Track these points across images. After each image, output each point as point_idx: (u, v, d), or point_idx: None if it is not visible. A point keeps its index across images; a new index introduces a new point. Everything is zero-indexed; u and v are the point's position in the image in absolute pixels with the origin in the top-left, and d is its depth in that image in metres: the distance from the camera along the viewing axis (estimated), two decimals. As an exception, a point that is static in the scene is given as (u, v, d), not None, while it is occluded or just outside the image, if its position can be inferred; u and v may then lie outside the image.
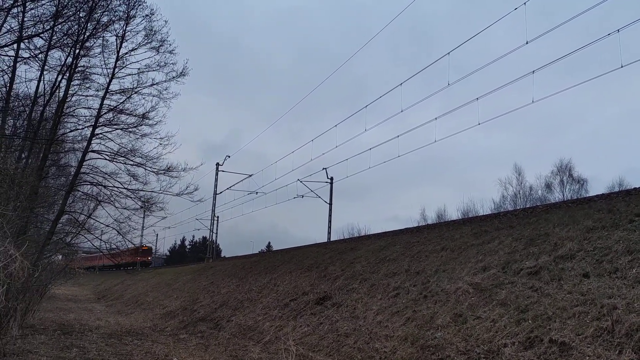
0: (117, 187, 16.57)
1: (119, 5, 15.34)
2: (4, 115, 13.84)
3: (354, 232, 40.83)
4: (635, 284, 6.17)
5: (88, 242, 17.56)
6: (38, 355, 9.49)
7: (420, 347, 7.47)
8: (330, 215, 33.91)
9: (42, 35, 13.71)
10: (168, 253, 78.85)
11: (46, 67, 14.79)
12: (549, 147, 67.93)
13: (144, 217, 21.57)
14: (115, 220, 16.52)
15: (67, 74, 15.21)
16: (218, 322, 14.77)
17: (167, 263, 65.70)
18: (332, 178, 34.31)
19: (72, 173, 17.61)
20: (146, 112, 16.68)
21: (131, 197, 16.69)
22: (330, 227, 33.63)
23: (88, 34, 14.97)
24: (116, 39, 15.94)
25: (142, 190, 16.89)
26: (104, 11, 15.03)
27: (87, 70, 16.28)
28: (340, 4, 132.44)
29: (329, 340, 9.57)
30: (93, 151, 16.54)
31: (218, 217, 43.41)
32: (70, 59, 15.06)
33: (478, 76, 45.90)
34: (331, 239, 30.45)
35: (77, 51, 15.02)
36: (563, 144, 65.59)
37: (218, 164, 38.25)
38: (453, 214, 39.66)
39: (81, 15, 14.27)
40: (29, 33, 13.40)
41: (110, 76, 16.26)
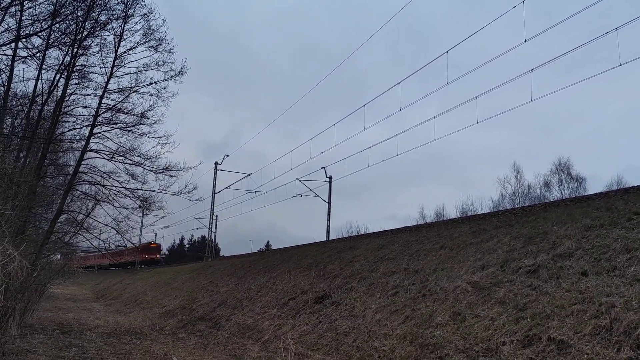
0: (116, 187, 16.61)
1: (117, 4, 15.31)
2: (2, 114, 13.81)
3: (353, 231, 40.95)
4: (633, 282, 6.18)
5: (87, 242, 17.59)
6: (37, 354, 9.48)
7: (419, 346, 7.48)
8: (329, 214, 33.96)
9: (40, 34, 13.69)
10: (167, 252, 78.81)
11: (44, 66, 14.79)
12: (548, 146, 67.97)
13: (143, 217, 21.63)
14: (114, 219, 16.56)
15: (65, 73, 15.16)
16: (217, 321, 14.77)
17: (166, 262, 65.63)
18: (331, 177, 34.38)
19: (71, 172, 17.61)
20: (144, 111, 16.65)
21: (130, 197, 16.71)
22: (329, 226, 33.71)
23: (86, 33, 14.93)
24: (114, 38, 15.91)
25: (141, 189, 16.91)
26: (102, 10, 15.01)
27: (85, 69, 16.26)
28: (338, 3, 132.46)
29: (328, 338, 9.58)
30: (91, 150, 16.51)
31: (217, 216, 43.36)
32: (68, 58, 15.04)
33: (477, 75, 45.83)
34: (330, 238, 30.47)
35: (75, 50, 14.97)
36: (561, 143, 65.58)
37: (217, 163, 38.25)
38: (452, 213, 39.78)
39: (79, 14, 14.26)
40: (27, 32, 13.39)
41: (108, 75, 16.23)
